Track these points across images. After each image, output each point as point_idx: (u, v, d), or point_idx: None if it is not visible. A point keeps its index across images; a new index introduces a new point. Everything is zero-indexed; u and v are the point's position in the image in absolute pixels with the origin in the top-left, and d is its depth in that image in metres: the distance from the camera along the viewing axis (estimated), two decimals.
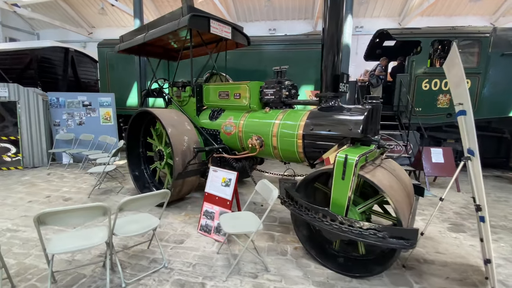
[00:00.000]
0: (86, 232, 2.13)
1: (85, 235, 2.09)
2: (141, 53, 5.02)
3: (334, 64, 2.72)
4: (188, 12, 3.44)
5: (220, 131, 3.62)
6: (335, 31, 2.67)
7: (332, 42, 2.70)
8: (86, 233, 2.12)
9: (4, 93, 5.37)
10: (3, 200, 3.92)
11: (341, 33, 2.70)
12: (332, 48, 2.71)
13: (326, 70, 2.76)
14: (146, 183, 4.31)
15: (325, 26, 2.72)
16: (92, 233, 2.12)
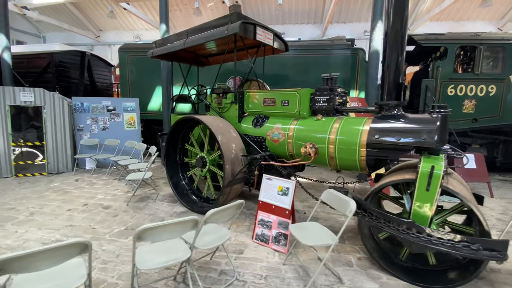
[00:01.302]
0: (165, 246, 2.07)
1: (165, 249, 2.03)
2: (173, 59, 4.99)
3: (397, 64, 2.68)
4: (236, 19, 3.42)
5: (266, 138, 3.59)
6: (399, 28, 2.64)
7: (396, 39, 2.64)
8: (166, 247, 2.06)
9: (30, 98, 5.28)
10: (40, 208, 3.82)
11: (406, 31, 2.65)
12: (395, 46, 2.66)
13: (388, 71, 2.72)
14: (184, 190, 4.25)
15: (388, 23, 2.69)
16: (172, 247, 2.06)
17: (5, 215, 3.56)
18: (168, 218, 3.62)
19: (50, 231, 3.16)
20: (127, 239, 3.02)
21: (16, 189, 4.61)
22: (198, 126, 4.05)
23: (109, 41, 15.87)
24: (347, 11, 13.36)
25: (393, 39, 2.67)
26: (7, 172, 5.27)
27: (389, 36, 2.70)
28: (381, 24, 5.54)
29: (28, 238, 2.97)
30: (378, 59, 5.51)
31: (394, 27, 2.66)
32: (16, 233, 3.09)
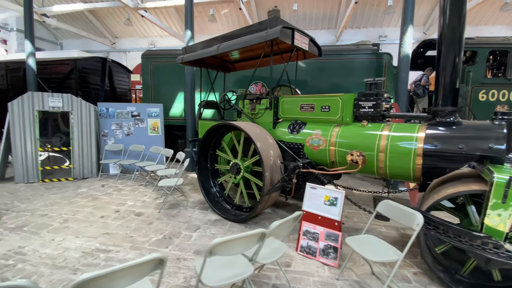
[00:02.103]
0: (225, 261, 1.96)
1: (226, 264, 1.92)
2: (201, 65, 4.97)
3: (454, 66, 2.56)
4: (276, 23, 3.37)
5: (304, 144, 3.48)
6: (457, 26, 2.52)
7: (453, 38, 2.52)
8: (226, 261, 1.95)
9: (58, 103, 5.32)
10: (73, 215, 3.78)
11: (464, 29, 2.53)
12: (452, 46, 2.54)
13: (444, 74, 2.60)
14: (216, 197, 4.16)
15: (444, 21, 2.57)
16: (231, 261, 1.95)
17: (39, 222, 3.52)
18: (204, 226, 3.52)
19: (88, 239, 3.10)
20: (167, 249, 2.92)
21: (45, 195, 4.60)
22: (231, 132, 3.98)
23: (124, 48, 16.14)
24: (362, 17, 13.30)
25: (450, 38, 2.56)
26: (34, 177, 5.28)
27: (444, 35, 2.59)
28: (412, 28, 5.43)
29: (68, 247, 2.91)
30: (408, 64, 5.39)
31: (450, 25, 2.55)
32: (54, 241, 3.03)
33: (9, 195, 4.55)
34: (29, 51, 6.98)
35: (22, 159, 5.12)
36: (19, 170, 5.14)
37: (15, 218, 3.63)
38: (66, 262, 2.61)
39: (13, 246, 2.89)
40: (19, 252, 2.78)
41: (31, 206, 4.05)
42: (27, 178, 5.21)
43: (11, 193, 4.66)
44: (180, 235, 3.27)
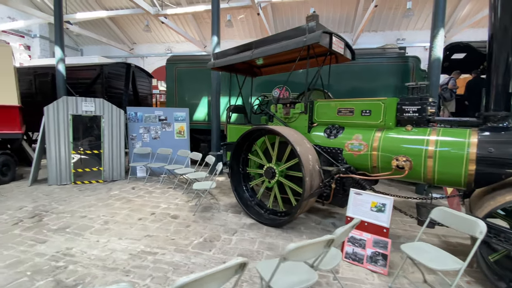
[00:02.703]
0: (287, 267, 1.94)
1: (288, 270, 1.90)
2: (231, 70, 5.03)
3: (507, 66, 2.48)
4: (315, 28, 3.38)
5: (343, 149, 3.45)
6: (509, 24, 2.45)
7: (506, 37, 2.44)
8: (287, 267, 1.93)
9: (91, 108, 5.47)
10: (112, 217, 3.85)
11: None
12: (505, 46, 2.46)
13: (496, 76, 2.53)
14: (248, 201, 4.16)
15: (495, 19, 2.50)
16: (293, 267, 1.94)
17: (80, 224, 3.60)
18: (241, 230, 3.53)
19: (132, 241, 3.14)
20: (211, 252, 2.93)
21: (80, 197, 4.71)
22: (265, 137, 3.98)
23: (142, 54, 16.52)
24: (379, 20, 13.20)
25: (501, 37, 2.49)
26: (67, 179, 5.42)
27: (496, 34, 2.53)
28: (443, 31, 5.34)
29: (114, 249, 2.96)
30: (439, 67, 5.29)
31: (502, 23, 2.48)
32: (99, 243, 3.09)
33: (45, 196, 4.69)
34: (59, 57, 7.23)
35: (56, 162, 5.28)
36: (53, 172, 5.29)
37: (56, 219, 3.72)
38: (116, 264, 2.65)
39: (60, 247, 2.96)
40: (67, 253, 2.84)
41: (69, 208, 4.15)
42: (60, 180, 5.36)
43: (46, 194, 4.79)
44: (219, 238, 3.28)
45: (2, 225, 3.47)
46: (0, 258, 2.71)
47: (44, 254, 2.80)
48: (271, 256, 2.89)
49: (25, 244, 3.00)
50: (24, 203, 4.29)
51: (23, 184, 5.41)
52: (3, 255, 2.77)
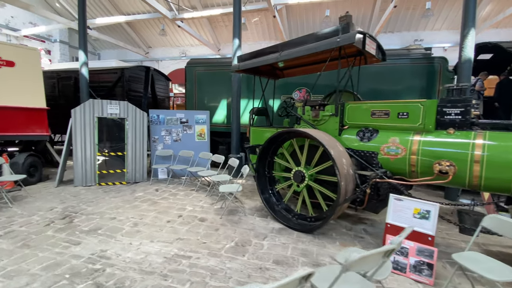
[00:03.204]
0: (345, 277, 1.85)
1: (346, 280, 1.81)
2: (255, 73, 5.00)
3: None
4: (349, 29, 3.31)
5: (379, 153, 3.34)
6: None
7: None
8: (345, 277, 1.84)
9: (116, 110, 5.54)
10: (140, 219, 3.85)
11: None
12: None
13: None
14: (275, 205, 4.09)
15: None
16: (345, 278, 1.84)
17: (110, 225, 3.61)
18: (270, 235, 3.45)
19: (164, 244, 3.12)
20: (245, 257, 2.87)
21: (106, 198, 4.75)
22: (293, 140, 3.91)
23: (157, 57, 16.80)
24: (396, 21, 12.97)
25: None
26: (92, 180, 5.50)
27: None
28: (474, 31, 5.15)
29: (148, 251, 2.94)
30: (470, 68, 5.10)
31: None
32: (132, 245, 3.08)
33: (73, 197, 4.75)
34: (82, 61, 7.40)
35: (82, 163, 5.36)
36: (79, 173, 5.38)
37: (86, 221, 3.75)
38: (152, 268, 2.63)
39: (95, 249, 2.97)
40: (102, 256, 2.84)
41: (97, 209, 4.18)
42: (85, 181, 5.44)
43: (73, 195, 4.86)
44: (251, 243, 3.21)
45: (34, 226, 3.52)
46: (37, 260, 2.73)
47: (80, 256, 2.81)
48: (306, 263, 2.80)
49: (60, 246, 3.02)
50: (53, 204, 4.36)
51: (49, 185, 5.52)
52: (39, 257, 2.79)
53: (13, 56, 5.11)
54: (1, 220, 3.66)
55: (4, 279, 2.39)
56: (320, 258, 2.92)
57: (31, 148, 6.00)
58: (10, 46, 5.26)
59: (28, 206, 4.23)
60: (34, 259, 2.73)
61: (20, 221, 3.66)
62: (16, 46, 5.30)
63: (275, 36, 14.80)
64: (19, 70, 5.16)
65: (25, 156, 5.29)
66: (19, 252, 2.85)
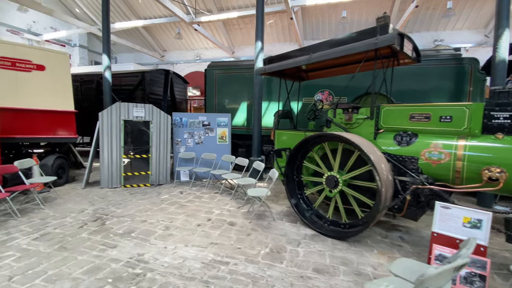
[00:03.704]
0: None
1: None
2: (280, 75, 4.95)
3: None
4: (387, 30, 3.21)
5: (419, 158, 3.21)
6: None
7: None
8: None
9: (141, 113, 5.60)
10: (170, 222, 3.84)
11: None
12: None
13: None
14: (305, 211, 4.00)
15: None
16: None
17: (142, 228, 3.62)
18: (304, 241, 3.37)
19: (199, 248, 3.09)
20: (283, 264, 2.80)
21: (133, 200, 4.79)
22: (324, 143, 3.82)
23: (172, 60, 17.03)
24: (416, 21, 12.70)
25: None
26: (117, 182, 5.56)
27: None
28: (508, 32, 4.93)
29: (184, 256, 2.91)
30: (505, 69, 4.89)
31: None
32: (167, 250, 3.06)
33: (101, 199, 4.81)
34: (106, 64, 7.55)
35: (108, 165, 5.43)
36: (105, 175, 5.45)
37: (118, 223, 3.77)
38: (192, 274, 2.59)
39: (131, 253, 2.96)
40: (140, 260, 2.83)
41: (127, 212, 4.21)
42: (111, 183, 5.50)
43: (101, 197, 4.92)
44: (285, 249, 3.14)
45: (69, 228, 3.56)
46: (76, 263, 2.74)
47: (118, 260, 2.80)
48: (348, 272, 2.70)
49: (97, 249, 3.03)
50: (83, 206, 4.42)
51: (76, 186, 5.61)
52: (78, 260, 2.80)
53: (44, 60, 5.25)
54: (36, 222, 3.72)
55: (47, 283, 2.40)
56: (361, 267, 2.81)
57: (55, 150, 6.13)
58: (41, 50, 5.41)
59: (59, 208, 4.30)
60: (73, 262, 2.75)
61: (54, 223, 3.72)
62: (46, 50, 5.45)
63: (290, 38, 14.75)
64: (49, 73, 5.30)
65: (54, 158, 5.40)
66: (58, 255, 2.87)
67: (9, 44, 4.92)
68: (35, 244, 3.08)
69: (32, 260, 2.74)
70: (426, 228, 3.95)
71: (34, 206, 4.31)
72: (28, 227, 3.52)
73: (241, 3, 12.99)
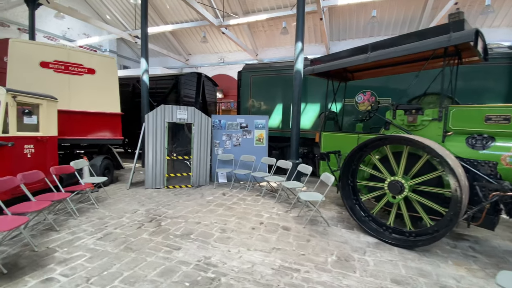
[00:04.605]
0: None
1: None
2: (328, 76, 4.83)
3: None
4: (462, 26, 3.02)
5: (498, 163, 2.97)
6: None
7: None
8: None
9: (184, 116, 5.65)
10: (224, 225, 3.80)
11: None
12: None
13: None
14: (362, 216, 3.83)
15: None
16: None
17: (199, 231, 3.59)
18: (369, 250, 3.21)
19: (263, 253, 3.01)
20: (357, 274, 2.66)
21: (180, 201, 4.81)
22: (385, 146, 3.64)
23: (196, 64, 17.31)
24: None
25: None
26: (161, 183, 5.63)
27: None
28: None
29: (252, 261, 2.84)
30: None
31: None
32: (231, 253, 3.01)
33: (148, 200, 4.87)
34: (144, 68, 7.74)
35: (153, 166, 5.51)
36: (149, 176, 5.53)
37: (173, 224, 3.77)
38: (266, 280, 2.51)
39: (198, 256, 2.93)
40: (209, 263, 2.78)
41: (178, 213, 4.22)
42: (155, 184, 5.58)
43: (148, 198, 4.98)
44: (353, 258, 3.00)
45: (128, 229, 3.59)
46: (147, 265, 2.72)
47: (187, 263, 2.78)
48: (430, 284, 2.52)
49: (162, 250, 3.03)
50: (135, 206, 4.48)
51: (121, 186, 5.74)
52: (148, 261, 2.79)
53: (94, 64, 5.43)
54: (95, 222, 3.79)
55: (126, 285, 2.40)
56: (442, 279, 2.62)
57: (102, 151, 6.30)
58: (91, 54, 5.61)
59: (112, 208, 4.38)
60: (144, 263, 2.75)
61: (112, 223, 3.78)
62: (96, 54, 5.64)
63: (315, 39, 14.59)
64: (99, 77, 5.47)
65: (102, 159, 5.55)
66: (126, 256, 2.88)
67: (64, 49, 5.13)
68: (101, 244, 3.12)
69: (104, 261, 2.77)
70: (494, 237, 3.67)
71: (89, 206, 4.43)
72: (89, 227, 3.60)
73: (266, 5, 13.00)
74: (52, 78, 4.92)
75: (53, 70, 4.93)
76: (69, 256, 2.82)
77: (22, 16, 12.64)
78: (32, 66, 4.76)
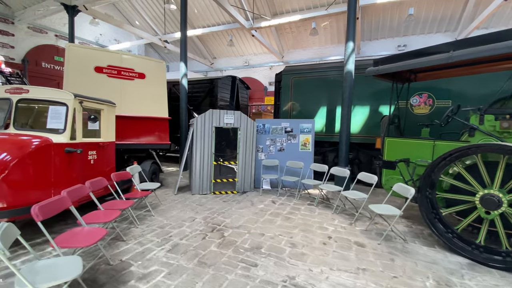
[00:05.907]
0: None
1: None
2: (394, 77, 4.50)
3: None
4: None
5: None
6: None
7: None
8: None
9: (231, 120, 5.49)
10: (291, 238, 3.55)
11: None
12: None
13: None
14: (444, 232, 3.46)
15: None
16: None
17: (267, 244, 3.36)
18: (464, 272, 2.85)
19: (350, 274, 2.73)
20: None
21: (233, 209, 4.62)
22: (476, 156, 3.26)
23: (220, 67, 17.33)
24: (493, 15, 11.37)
25: None
26: (207, 189, 5.49)
27: None
28: None
29: (342, 284, 2.57)
30: None
31: None
32: (313, 272, 2.75)
33: (199, 206, 4.71)
34: (183, 72, 7.70)
35: (200, 172, 5.38)
36: (196, 181, 5.40)
37: (237, 236, 3.57)
38: None
39: (280, 275, 2.68)
40: (296, 284, 2.54)
41: (237, 222, 4.02)
42: (202, 190, 5.44)
43: (198, 204, 4.83)
44: (453, 282, 2.65)
45: (193, 239, 3.41)
46: (231, 284, 2.50)
47: (272, 283, 2.54)
48: None
49: (238, 267, 2.82)
50: (190, 214, 4.33)
51: (168, 191, 5.65)
52: (230, 280, 2.58)
53: (144, 69, 5.39)
54: (158, 231, 3.64)
55: None
56: None
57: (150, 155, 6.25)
58: (142, 59, 5.58)
59: (168, 216, 4.25)
60: (227, 282, 2.54)
61: (174, 232, 3.63)
62: (146, 59, 5.60)
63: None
64: (149, 81, 5.42)
65: (150, 164, 5.49)
66: (204, 273, 2.68)
67: (117, 53, 5.12)
68: (173, 258, 2.96)
69: (184, 278, 2.59)
70: None
71: (145, 213, 4.33)
72: (154, 237, 3.46)
73: (295, 6, 12.74)
74: (105, 83, 4.91)
75: (106, 75, 4.92)
76: (146, 271, 2.67)
77: (59, 23, 13.15)
78: (87, 71, 4.76)
